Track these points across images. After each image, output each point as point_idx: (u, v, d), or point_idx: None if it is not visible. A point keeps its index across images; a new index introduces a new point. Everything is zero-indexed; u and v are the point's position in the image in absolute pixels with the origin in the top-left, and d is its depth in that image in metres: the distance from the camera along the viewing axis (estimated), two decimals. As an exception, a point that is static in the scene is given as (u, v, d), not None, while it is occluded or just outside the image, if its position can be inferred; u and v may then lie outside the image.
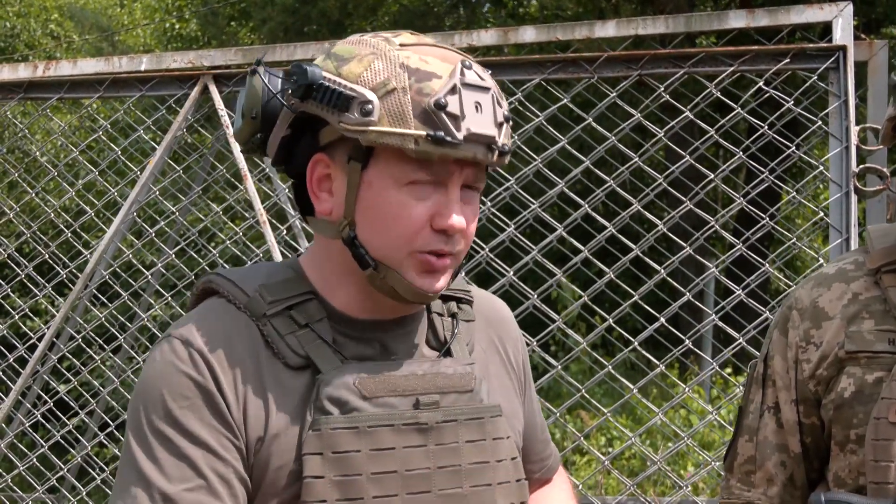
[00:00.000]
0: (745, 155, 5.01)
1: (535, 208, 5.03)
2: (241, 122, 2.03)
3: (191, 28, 20.82)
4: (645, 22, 5.12)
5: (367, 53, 1.89)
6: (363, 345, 2.00)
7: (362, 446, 1.87)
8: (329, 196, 1.97)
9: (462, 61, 1.88)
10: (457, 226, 1.89)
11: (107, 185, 6.16)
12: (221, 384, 1.88)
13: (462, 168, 1.90)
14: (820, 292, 2.50)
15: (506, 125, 1.92)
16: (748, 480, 2.58)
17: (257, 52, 5.66)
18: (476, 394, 2.02)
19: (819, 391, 2.44)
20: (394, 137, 1.82)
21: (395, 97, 1.83)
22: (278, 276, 2.03)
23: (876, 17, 14.69)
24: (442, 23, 17.09)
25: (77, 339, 6.07)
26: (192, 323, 1.96)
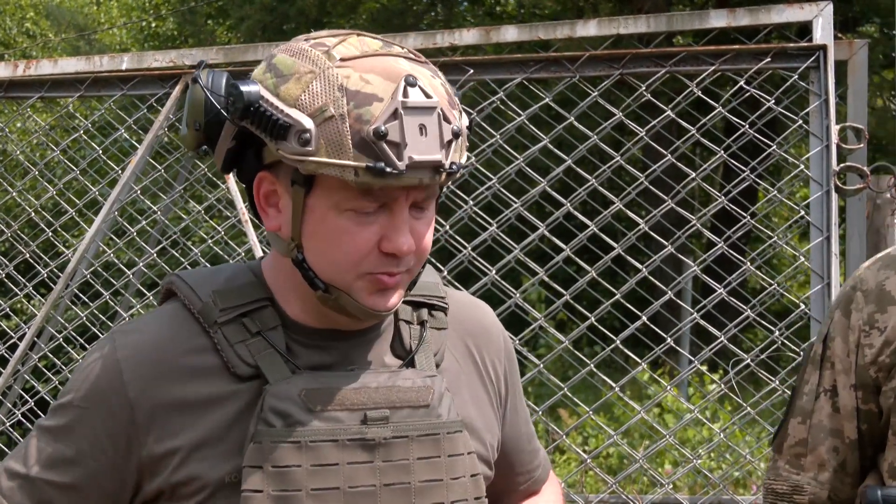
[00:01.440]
0: (727, 154, 5.03)
1: (518, 207, 5.04)
2: (185, 131, 1.97)
3: (168, 26, 20.77)
4: (626, 21, 5.14)
5: (306, 72, 1.81)
6: (320, 353, 1.96)
7: (303, 461, 1.83)
8: (277, 212, 1.92)
9: (406, 78, 1.79)
10: (405, 249, 1.84)
11: (87, 184, 6.14)
12: (138, 401, 1.89)
13: (408, 192, 1.83)
14: (887, 275, 2.41)
15: (455, 141, 1.84)
16: (798, 463, 2.51)
17: (239, 52, 5.65)
18: (433, 409, 1.95)
19: (880, 378, 2.37)
20: (333, 168, 1.75)
21: (333, 125, 1.75)
22: (238, 280, 1.98)
23: (853, 16, 14.76)
24: (420, 21, 17.09)
25: (58, 339, 6.05)
26: (133, 330, 1.97)
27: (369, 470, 1.88)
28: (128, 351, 1.91)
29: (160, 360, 1.90)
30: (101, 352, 1.93)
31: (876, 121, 13.76)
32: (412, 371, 1.98)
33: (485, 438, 2.10)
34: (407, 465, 1.90)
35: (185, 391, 1.88)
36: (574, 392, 4.93)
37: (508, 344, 2.29)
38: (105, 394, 1.89)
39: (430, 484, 1.93)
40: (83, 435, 1.90)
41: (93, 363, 1.93)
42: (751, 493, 7.27)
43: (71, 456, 1.90)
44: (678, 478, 5.89)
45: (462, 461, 1.97)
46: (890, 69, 14.43)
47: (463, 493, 1.97)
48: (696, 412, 4.85)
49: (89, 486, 1.91)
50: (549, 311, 5.12)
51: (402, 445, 1.91)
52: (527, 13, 17.36)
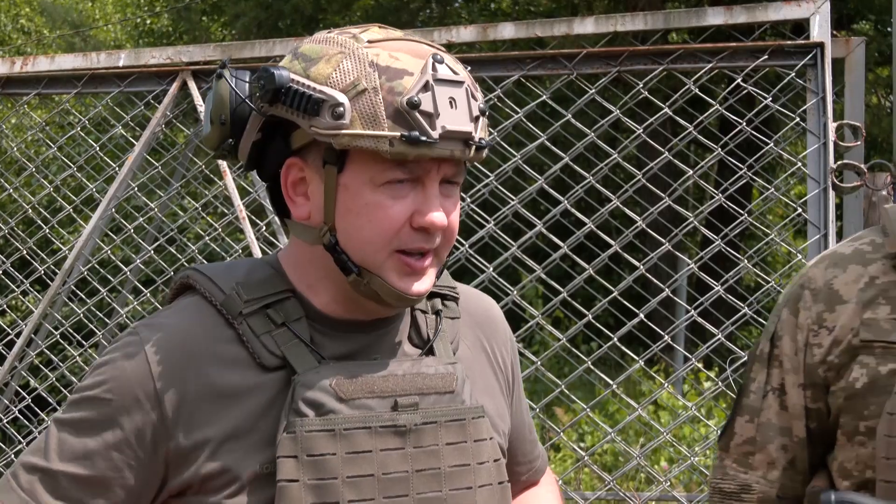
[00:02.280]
0: (723, 151, 5.04)
1: (515, 204, 5.05)
2: (209, 128, 2.00)
3: (162, 23, 20.74)
4: (623, 19, 5.14)
5: (335, 52, 1.85)
6: (343, 344, 1.98)
7: (338, 449, 1.85)
8: (305, 200, 1.94)
9: (433, 55, 1.85)
10: (437, 223, 1.87)
11: (84, 181, 6.14)
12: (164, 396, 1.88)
13: (440, 165, 1.86)
14: (835, 273, 2.39)
15: (482, 118, 1.89)
16: (746, 462, 2.50)
17: (236, 49, 5.65)
18: (457, 395, 1.98)
19: (829, 377, 2.35)
20: (368, 140, 1.79)
21: (367, 98, 1.80)
22: (257, 274, 2.00)
23: (848, 13, 14.77)
24: (415, 18, 17.08)
25: (55, 335, 6.05)
26: (157, 324, 1.96)
27: (401, 456, 1.89)
28: (154, 343, 1.91)
29: (187, 352, 1.91)
30: (126, 345, 1.93)
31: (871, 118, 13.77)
32: (433, 359, 2.01)
33: (498, 426, 2.13)
34: (436, 451, 1.93)
35: (213, 382, 1.89)
36: (570, 389, 4.93)
37: (512, 335, 2.32)
38: (132, 386, 1.88)
39: (458, 469, 1.95)
40: (108, 428, 1.88)
41: (118, 356, 1.91)
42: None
43: (94, 448, 1.88)
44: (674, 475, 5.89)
45: (486, 446, 2.00)
46: (885, 66, 14.44)
47: (488, 477, 1.99)
48: (693, 409, 4.85)
49: (113, 480, 1.89)
50: (546, 308, 5.12)
51: (431, 431, 1.93)
52: (521, 10, 17.35)
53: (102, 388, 1.90)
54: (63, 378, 6.25)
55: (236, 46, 5.68)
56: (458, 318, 2.15)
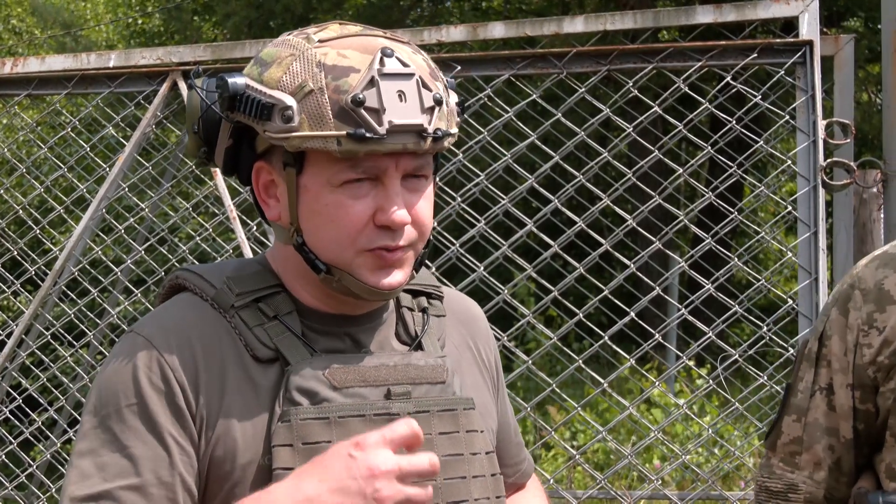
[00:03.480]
0: (713, 149, 5.04)
1: (506, 203, 5.05)
2: (186, 138, 2.02)
3: (154, 23, 20.71)
4: (613, 17, 5.15)
5: (287, 56, 1.86)
6: (332, 339, 1.98)
7: (333, 437, 1.85)
8: (276, 202, 1.96)
9: (382, 49, 1.84)
10: (398, 220, 1.86)
11: (75, 181, 6.13)
12: (182, 382, 1.87)
13: (397, 160, 1.86)
14: (885, 273, 2.36)
15: (439, 108, 1.87)
16: (792, 461, 2.48)
17: (226, 49, 5.65)
18: (448, 386, 2.00)
19: (878, 378, 2.33)
20: (315, 140, 1.80)
21: (313, 98, 1.81)
22: (247, 270, 2.01)
23: (838, 10, 14.77)
24: (406, 17, 17.08)
25: (46, 336, 6.04)
26: (156, 319, 1.96)
27: None
28: (155, 336, 1.90)
29: (190, 341, 1.91)
30: (129, 347, 1.91)
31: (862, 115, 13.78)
32: (422, 353, 2.02)
33: (487, 423, 2.13)
34: (430, 440, 1.92)
35: (211, 372, 1.90)
36: (561, 387, 4.93)
37: (492, 335, 2.33)
38: (150, 381, 1.86)
39: (451, 458, 1.96)
40: (147, 429, 1.85)
41: (124, 360, 1.90)
42: (739, 488, 7.28)
43: (143, 454, 1.84)
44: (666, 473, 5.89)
45: (478, 437, 2.02)
46: (875, 63, 14.45)
47: (480, 468, 2.01)
48: (684, 408, 4.85)
49: (172, 476, 1.85)
50: (537, 307, 5.12)
51: (424, 420, 1.93)
52: (512, 9, 17.34)
53: (126, 396, 1.87)
54: (54, 378, 6.24)
55: (226, 47, 5.68)
56: (444, 317, 2.16)
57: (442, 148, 1.92)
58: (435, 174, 2.00)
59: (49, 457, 5.98)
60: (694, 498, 4.92)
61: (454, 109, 1.96)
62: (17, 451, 5.80)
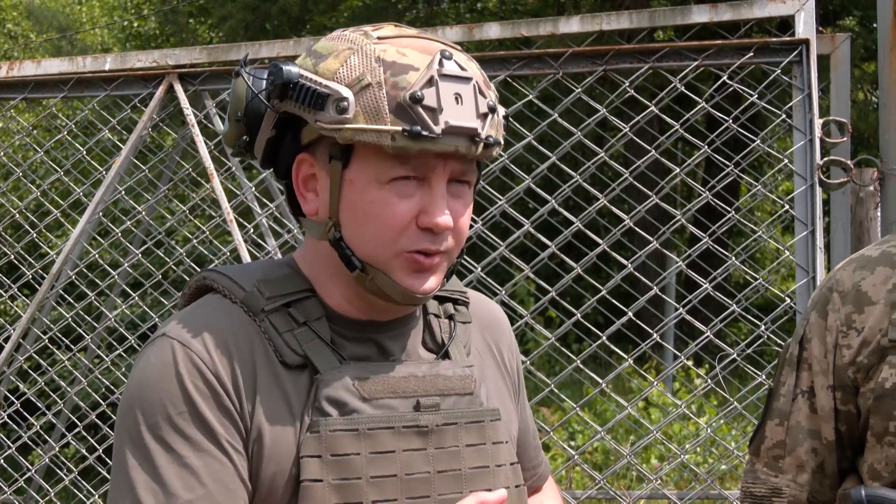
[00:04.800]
0: (710, 148, 5.04)
1: (503, 204, 5.05)
2: (228, 125, 2.01)
3: (149, 26, 20.71)
4: (609, 17, 5.14)
5: (344, 49, 1.86)
6: (360, 345, 1.97)
7: (362, 449, 1.84)
8: (315, 196, 1.95)
9: (442, 51, 1.84)
10: (442, 224, 1.86)
11: (71, 185, 6.13)
12: (225, 384, 1.84)
13: (445, 162, 1.85)
14: (863, 275, 2.39)
15: (491, 115, 1.87)
16: (776, 465, 2.49)
17: (222, 51, 5.64)
18: (476, 397, 1.99)
19: (858, 379, 2.34)
20: (370, 134, 1.79)
21: (371, 92, 1.80)
22: (276, 273, 1.99)
23: (833, 9, 14.79)
24: (401, 18, 17.07)
25: (43, 340, 6.04)
26: (188, 321, 1.92)
27: (423, 457, 1.89)
28: (190, 339, 1.87)
29: (223, 342, 1.88)
30: (164, 354, 1.87)
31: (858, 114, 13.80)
32: (449, 362, 2.01)
33: (510, 430, 2.13)
34: (457, 452, 1.93)
35: (245, 376, 1.87)
36: (560, 388, 4.93)
37: (515, 339, 2.32)
38: (196, 386, 1.83)
39: (478, 471, 1.95)
40: (205, 436, 1.82)
41: (162, 368, 1.85)
42: (737, 488, 7.28)
43: (204, 463, 1.81)
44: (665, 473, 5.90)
45: (503, 449, 2.01)
46: (871, 62, 14.46)
47: (506, 480, 2.00)
48: (682, 407, 4.85)
49: (236, 483, 1.83)
50: (534, 307, 5.12)
51: (452, 432, 1.93)
52: (508, 9, 17.35)
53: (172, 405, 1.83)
54: (52, 382, 6.24)
55: (222, 49, 5.67)
56: (470, 323, 2.15)
57: (490, 155, 1.91)
58: (476, 185, 1.99)
59: (47, 461, 5.98)
60: (693, 497, 4.92)
61: (502, 121, 1.96)
62: (15, 456, 5.80)
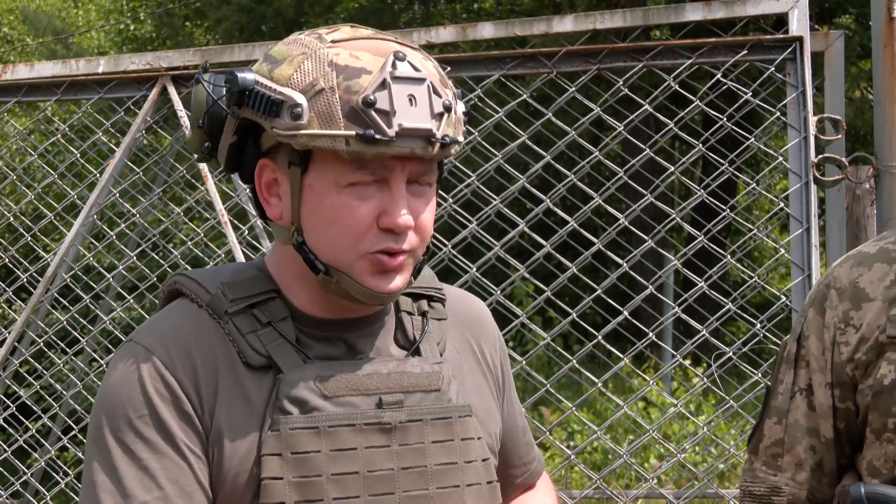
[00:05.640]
0: (705, 147, 5.03)
1: (497, 204, 5.04)
2: (191, 132, 2.01)
3: (145, 29, 20.71)
4: (603, 16, 5.13)
5: (298, 54, 1.86)
6: (328, 345, 1.98)
7: (322, 447, 1.85)
8: (278, 201, 1.95)
9: (395, 53, 1.84)
10: (402, 224, 1.86)
11: (66, 188, 6.12)
12: (187, 389, 1.86)
13: (403, 164, 1.86)
14: (860, 272, 2.39)
15: (447, 115, 1.87)
16: (774, 464, 2.48)
17: (216, 53, 5.63)
18: (443, 393, 1.99)
19: (857, 375, 2.34)
20: (324, 139, 1.80)
21: (324, 97, 1.80)
22: (243, 275, 2.00)
23: (829, 6, 14.79)
24: (397, 19, 17.07)
25: (39, 343, 6.03)
26: (154, 327, 1.94)
27: (387, 454, 1.90)
28: (154, 345, 1.89)
29: (185, 347, 1.90)
30: (129, 359, 1.90)
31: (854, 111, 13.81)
32: (419, 359, 2.01)
33: (489, 427, 2.12)
34: (423, 449, 1.93)
35: (208, 380, 1.89)
36: (557, 388, 4.93)
37: (501, 336, 2.32)
38: (157, 390, 1.85)
39: (445, 467, 1.95)
40: (163, 439, 1.84)
41: (126, 373, 1.88)
42: (735, 486, 7.27)
43: (162, 465, 1.83)
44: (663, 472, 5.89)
45: (474, 445, 2.01)
46: (866, 60, 14.47)
47: (476, 476, 1.99)
48: (679, 406, 4.84)
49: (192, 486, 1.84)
50: (529, 308, 5.11)
51: (417, 429, 1.93)
52: (503, 10, 17.36)
53: (132, 408, 1.85)
54: (48, 386, 6.23)
55: (216, 51, 5.66)
56: (445, 320, 2.15)
57: (448, 154, 1.91)
58: (437, 183, 1.99)
59: (44, 465, 5.96)
60: (690, 496, 4.91)
61: (461, 118, 1.96)
62: (11, 460, 5.79)
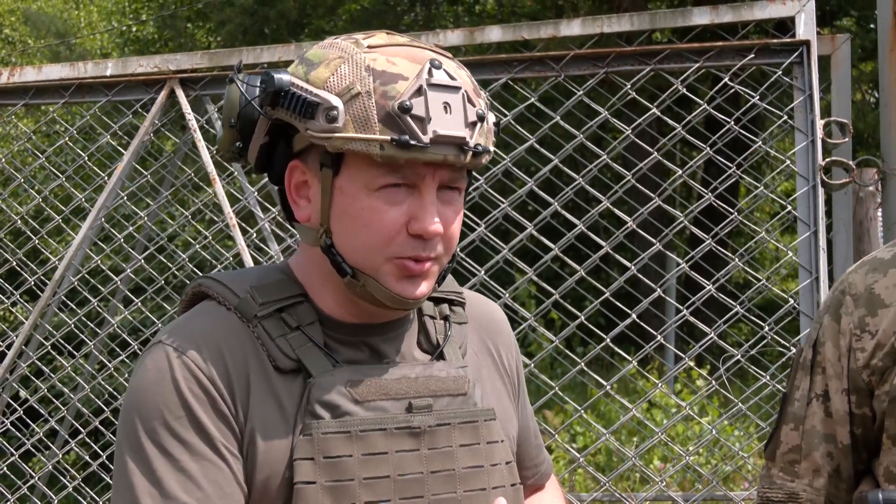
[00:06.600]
0: (711, 150, 5.04)
1: (505, 207, 5.05)
2: (222, 131, 2.02)
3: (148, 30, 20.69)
4: (610, 20, 5.14)
5: (335, 57, 1.87)
6: (354, 349, 1.99)
7: (354, 451, 1.86)
8: (307, 202, 1.96)
9: (431, 60, 1.85)
10: (432, 231, 1.87)
11: (73, 191, 6.13)
12: (220, 389, 1.86)
13: (435, 170, 1.86)
14: (875, 278, 2.38)
15: (481, 124, 1.88)
16: (792, 470, 2.48)
17: (224, 56, 5.64)
18: (469, 397, 2.01)
19: (873, 381, 2.34)
20: (359, 143, 1.80)
21: (360, 102, 1.81)
22: (269, 279, 2.01)
23: (830, 9, 14.79)
24: (400, 22, 17.07)
25: (46, 346, 6.04)
26: (183, 328, 1.94)
27: (416, 457, 1.91)
28: (185, 346, 1.89)
29: (217, 349, 1.90)
30: (160, 361, 1.89)
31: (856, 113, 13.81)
32: (443, 363, 2.02)
33: (507, 429, 2.14)
34: (450, 452, 1.94)
35: (239, 382, 1.89)
36: (561, 390, 4.93)
37: (515, 339, 2.33)
38: (192, 391, 1.85)
39: (472, 470, 1.97)
40: (202, 441, 1.84)
41: (158, 375, 1.88)
42: (741, 488, 7.28)
43: (201, 467, 1.84)
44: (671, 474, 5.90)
45: (498, 448, 2.02)
46: (868, 62, 14.48)
47: (501, 479, 2.01)
48: (686, 408, 4.85)
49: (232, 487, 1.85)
50: (538, 310, 5.12)
51: (445, 432, 1.95)
52: (506, 12, 17.34)
53: (167, 410, 1.85)
54: (54, 389, 6.24)
55: (223, 54, 5.67)
56: (466, 324, 2.17)
57: (479, 164, 1.92)
58: (466, 190, 2.00)
59: (50, 468, 5.97)
60: (698, 499, 4.92)
61: (492, 128, 1.98)
62: (18, 463, 5.80)
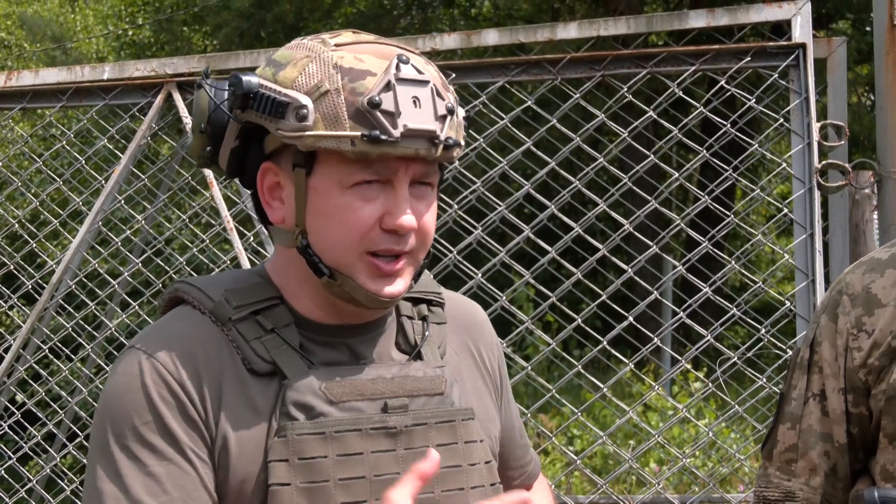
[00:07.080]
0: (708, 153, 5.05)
1: (502, 210, 5.05)
2: (192, 137, 2.02)
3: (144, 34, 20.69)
4: (606, 23, 5.15)
5: (302, 57, 1.87)
6: (331, 350, 1.98)
7: (329, 452, 1.86)
8: (281, 204, 1.96)
9: (399, 56, 1.86)
10: (406, 224, 1.87)
11: (70, 194, 6.13)
12: (190, 394, 1.86)
13: (408, 165, 1.87)
14: (872, 278, 2.39)
15: (450, 117, 1.89)
16: (788, 469, 2.48)
17: (220, 60, 5.64)
18: (447, 397, 2.00)
19: (869, 381, 2.34)
20: (329, 140, 1.81)
21: (329, 99, 1.82)
22: (245, 282, 2.01)
23: (826, 13, 14.81)
24: (396, 25, 17.08)
25: (44, 350, 6.04)
26: (157, 333, 1.94)
27: (392, 458, 1.91)
28: (157, 351, 1.89)
29: (188, 353, 1.90)
30: (131, 365, 1.90)
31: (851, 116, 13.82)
32: (421, 363, 2.02)
33: (489, 429, 2.14)
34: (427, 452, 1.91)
35: (211, 386, 1.89)
36: (558, 392, 4.93)
37: (497, 339, 2.33)
38: (161, 396, 1.85)
39: (450, 470, 1.96)
40: (169, 445, 1.84)
41: (129, 380, 1.88)
42: (738, 490, 7.29)
43: (168, 471, 1.84)
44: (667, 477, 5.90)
45: (477, 447, 2.02)
46: (864, 64, 14.50)
47: (480, 479, 2.01)
48: (683, 411, 4.86)
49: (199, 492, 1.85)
50: (535, 313, 5.13)
51: (421, 432, 1.95)
52: (502, 15, 17.36)
53: (136, 413, 1.85)
54: (52, 392, 6.24)
55: (221, 57, 5.67)
56: (445, 324, 2.16)
57: (450, 157, 1.93)
58: (439, 186, 2.01)
59: (48, 471, 5.97)
60: (695, 501, 4.92)
61: (462, 122, 1.98)
62: (15, 466, 5.80)
